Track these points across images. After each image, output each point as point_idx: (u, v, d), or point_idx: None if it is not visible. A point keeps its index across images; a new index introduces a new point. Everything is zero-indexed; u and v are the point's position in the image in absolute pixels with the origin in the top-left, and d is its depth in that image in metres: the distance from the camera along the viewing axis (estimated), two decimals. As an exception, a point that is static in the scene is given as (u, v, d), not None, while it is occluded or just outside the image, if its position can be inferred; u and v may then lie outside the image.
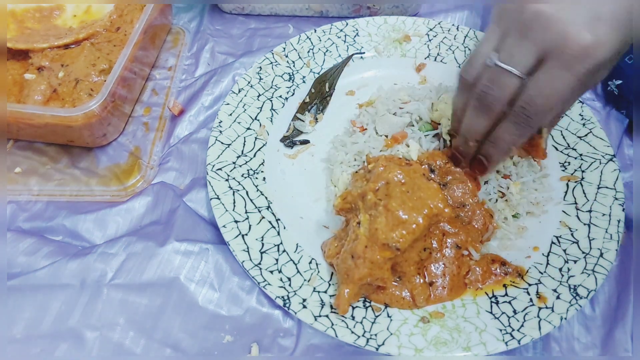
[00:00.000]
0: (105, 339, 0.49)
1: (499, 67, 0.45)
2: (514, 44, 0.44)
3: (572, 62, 0.41)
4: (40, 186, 0.62)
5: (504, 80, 0.45)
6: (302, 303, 0.50)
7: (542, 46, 0.42)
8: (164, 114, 0.71)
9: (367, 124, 0.64)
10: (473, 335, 0.48)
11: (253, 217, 0.57)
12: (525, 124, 0.46)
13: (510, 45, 0.44)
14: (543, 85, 0.43)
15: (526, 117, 0.45)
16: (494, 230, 0.55)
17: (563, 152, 0.63)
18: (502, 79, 0.45)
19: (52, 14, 0.72)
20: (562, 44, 0.40)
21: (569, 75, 0.42)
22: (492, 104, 0.46)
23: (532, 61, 0.43)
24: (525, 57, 0.43)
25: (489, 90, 0.46)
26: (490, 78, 0.46)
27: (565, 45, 0.40)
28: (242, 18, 0.85)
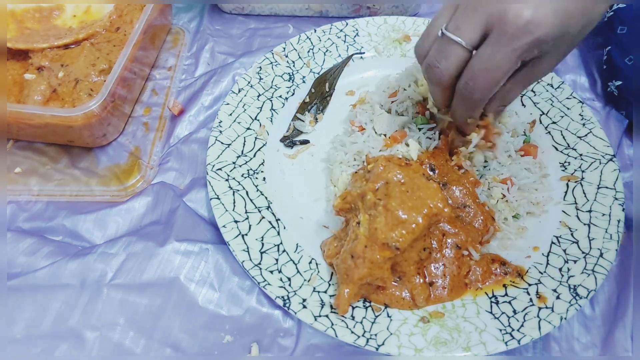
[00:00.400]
0: (105, 339, 0.49)
1: (446, 37, 0.45)
2: (462, 15, 0.44)
3: (511, 36, 0.42)
4: (40, 186, 0.62)
5: (450, 50, 0.45)
6: (302, 303, 0.50)
7: (487, 19, 0.43)
8: (164, 114, 0.71)
9: (365, 122, 0.64)
10: (473, 335, 0.48)
11: (253, 217, 0.57)
12: (468, 97, 0.47)
13: (459, 16, 0.45)
14: (485, 58, 0.44)
15: (469, 91, 0.46)
16: (494, 232, 0.55)
17: (563, 152, 0.63)
18: (448, 49, 0.46)
19: (52, 14, 0.72)
20: (504, 18, 0.41)
21: (509, 49, 0.42)
22: (441, 76, 0.47)
23: (478, 34, 0.44)
24: (472, 28, 0.44)
25: (435, 62, 0.47)
26: (438, 49, 0.47)
27: (506, 19, 0.41)
28: (242, 18, 0.85)
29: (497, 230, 0.55)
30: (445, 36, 0.45)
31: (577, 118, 0.65)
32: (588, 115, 0.64)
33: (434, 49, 0.47)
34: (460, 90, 0.47)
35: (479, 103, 0.48)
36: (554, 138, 0.64)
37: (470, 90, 0.46)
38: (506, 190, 0.57)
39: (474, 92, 0.46)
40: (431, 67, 0.48)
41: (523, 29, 0.41)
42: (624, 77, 0.68)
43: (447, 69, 0.46)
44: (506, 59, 0.43)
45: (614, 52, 0.70)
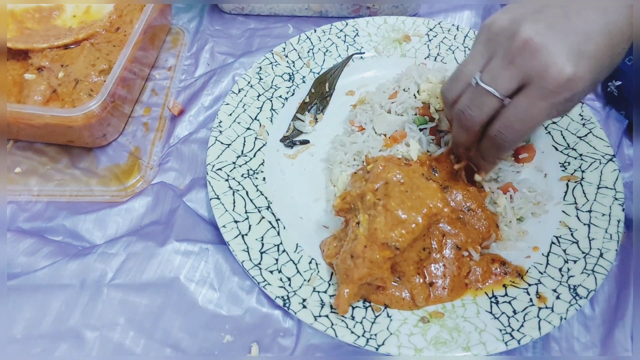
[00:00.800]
0: (105, 339, 0.49)
1: (480, 87, 0.46)
2: (498, 66, 0.45)
3: (551, 91, 0.43)
4: (40, 186, 0.62)
5: (483, 100, 0.46)
6: (302, 303, 0.50)
7: (525, 72, 0.43)
8: (164, 114, 0.71)
9: (365, 122, 0.64)
10: (473, 335, 0.48)
11: (253, 217, 0.57)
12: (501, 145, 0.48)
13: (494, 67, 0.45)
14: (522, 110, 0.45)
15: (502, 139, 0.47)
16: (496, 239, 0.55)
17: (563, 152, 0.63)
18: (482, 99, 0.46)
19: (52, 14, 0.72)
20: (545, 73, 0.42)
21: (547, 103, 0.43)
22: (472, 122, 0.48)
23: (514, 86, 0.45)
24: (508, 80, 0.45)
25: (468, 110, 0.48)
26: (471, 97, 0.47)
27: (547, 75, 0.42)
28: (242, 18, 0.85)
29: (499, 239, 0.55)
30: (480, 87, 0.46)
31: (577, 118, 0.65)
32: (588, 115, 0.64)
33: (467, 97, 0.48)
34: (493, 137, 0.48)
35: (510, 149, 0.50)
36: (554, 138, 0.64)
37: (504, 138, 0.47)
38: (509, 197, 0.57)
39: (507, 141, 0.47)
40: (463, 114, 0.48)
41: (564, 86, 0.42)
42: (623, 77, 0.68)
43: (480, 117, 0.47)
44: (543, 112, 0.44)
45: (613, 52, 0.70)
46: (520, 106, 0.45)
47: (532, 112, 0.44)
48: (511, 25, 0.44)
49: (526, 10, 0.44)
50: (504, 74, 0.45)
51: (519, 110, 0.45)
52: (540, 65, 0.42)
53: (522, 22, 0.43)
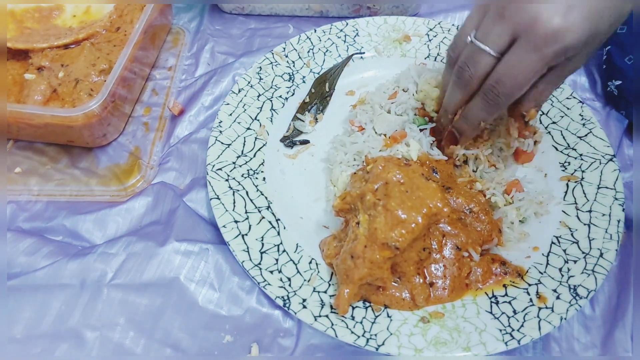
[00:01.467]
0: (105, 339, 0.49)
1: (474, 45, 0.47)
2: (490, 23, 0.45)
3: (540, 43, 0.42)
4: (40, 186, 0.62)
5: (478, 57, 0.47)
6: (302, 303, 0.50)
7: (515, 27, 0.43)
8: (164, 114, 0.71)
9: (365, 123, 0.64)
10: (473, 335, 0.48)
11: (253, 217, 0.57)
12: (493, 101, 0.48)
13: (487, 24, 0.46)
14: (512, 65, 0.45)
15: (494, 95, 0.47)
16: (497, 244, 0.55)
17: (563, 152, 0.63)
18: (477, 56, 0.47)
19: (52, 14, 0.72)
20: (533, 25, 0.42)
21: (536, 56, 0.43)
22: (468, 79, 0.49)
23: (506, 41, 0.45)
24: (499, 36, 0.45)
25: (465, 66, 0.48)
26: (467, 55, 0.48)
27: (535, 27, 0.42)
28: (242, 18, 0.85)
29: (500, 245, 0.55)
30: (474, 44, 0.47)
31: (577, 118, 0.65)
32: (588, 115, 0.64)
33: (463, 55, 0.49)
34: (485, 91, 0.48)
35: (500, 106, 0.49)
36: (554, 138, 0.64)
37: (496, 92, 0.47)
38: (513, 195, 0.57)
39: (498, 95, 0.47)
40: (462, 70, 0.49)
41: (552, 37, 0.42)
42: (623, 77, 0.68)
43: (477, 74, 0.48)
44: (533, 66, 0.44)
45: (613, 52, 0.70)
46: (511, 60, 0.45)
47: (521, 65, 0.44)
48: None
49: None
50: (495, 29, 0.45)
51: (509, 64, 0.45)
52: (529, 17, 0.42)
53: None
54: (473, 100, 0.51)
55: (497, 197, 0.57)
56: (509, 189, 0.58)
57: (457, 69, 0.49)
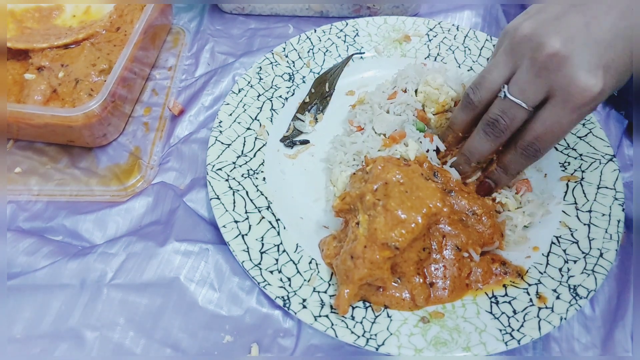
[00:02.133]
0: (105, 339, 0.49)
1: (509, 100, 0.48)
2: (525, 79, 0.47)
3: (580, 104, 0.45)
4: (40, 186, 0.62)
5: (514, 112, 0.49)
6: (302, 303, 0.50)
7: (552, 85, 0.45)
8: (164, 114, 0.71)
9: (364, 123, 0.64)
10: (473, 336, 0.48)
11: (253, 217, 0.57)
12: (533, 156, 0.51)
13: (522, 79, 0.47)
14: (551, 122, 0.47)
15: (535, 150, 0.50)
16: (498, 247, 0.55)
17: (563, 152, 0.63)
18: (512, 111, 0.49)
19: (52, 14, 0.72)
20: (572, 87, 0.44)
21: (575, 115, 0.46)
22: (501, 131, 0.51)
23: (541, 97, 0.47)
24: (535, 93, 0.47)
25: (499, 119, 0.50)
26: (502, 108, 0.49)
27: (575, 89, 0.44)
28: (242, 18, 0.85)
29: (501, 249, 0.55)
30: (509, 99, 0.48)
31: (577, 118, 0.64)
32: (588, 115, 0.64)
33: (497, 107, 0.50)
34: (524, 149, 0.50)
35: (537, 159, 0.51)
36: (554, 138, 0.64)
37: (536, 148, 0.50)
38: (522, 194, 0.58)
39: (539, 151, 0.50)
40: (494, 124, 0.50)
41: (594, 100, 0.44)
42: (624, 78, 0.68)
43: (512, 128, 0.50)
44: (573, 123, 0.47)
45: (614, 52, 0.70)
46: (551, 119, 0.47)
47: (562, 123, 0.47)
48: (535, 35, 0.45)
49: (547, 17, 0.46)
50: (531, 86, 0.47)
51: (549, 122, 0.47)
52: (568, 79, 0.44)
53: (545, 33, 0.45)
54: (510, 155, 0.52)
55: (508, 199, 0.57)
56: (519, 188, 0.58)
57: (490, 120, 0.51)
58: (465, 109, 0.54)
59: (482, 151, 0.53)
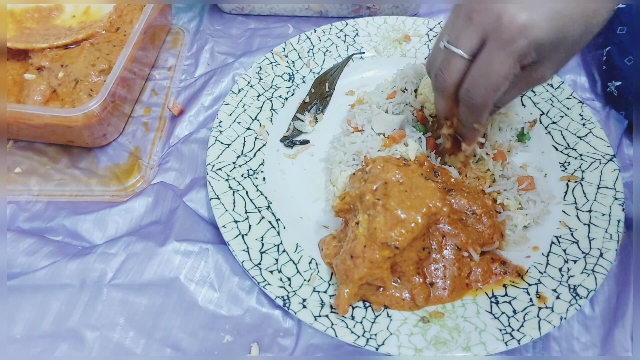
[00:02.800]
0: (105, 339, 0.49)
1: (447, 49, 0.47)
2: (460, 26, 0.45)
3: (508, 39, 0.42)
4: (40, 186, 0.62)
5: (452, 61, 0.47)
6: (302, 303, 0.50)
7: (483, 27, 0.43)
8: (164, 114, 0.71)
9: (362, 125, 0.64)
10: (473, 335, 0.48)
11: (253, 217, 0.57)
12: (473, 106, 0.48)
13: (456, 27, 0.46)
14: (483, 66, 0.44)
15: (470, 99, 0.47)
16: (498, 247, 0.55)
17: (563, 152, 0.63)
18: (451, 61, 0.47)
19: (51, 15, 0.72)
20: (499, 22, 0.42)
21: (505, 53, 0.43)
22: (444, 85, 0.48)
23: (476, 43, 0.45)
24: (470, 39, 0.45)
25: (439, 72, 0.48)
26: (441, 60, 0.48)
27: (501, 24, 0.42)
28: (242, 18, 0.85)
29: (501, 249, 0.55)
30: (447, 48, 0.47)
31: (577, 118, 0.65)
32: (588, 115, 0.64)
33: (438, 60, 0.48)
34: (463, 97, 0.48)
35: (482, 109, 0.48)
36: (554, 138, 0.64)
37: (472, 96, 0.47)
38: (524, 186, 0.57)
39: (475, 98, 0.47)
40: (436, 77, 0.49)
41: (518, 32, 0.41)
42: (623, 78, 0.68)
43: (451, 78, 0.48)
44: (504, 64, 0.43)
45: (613, 53, 0.70)
46: (482, 61, 0.44)
47: (493, 65, 0.44)
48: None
49: None
50: (464, 32, 0.45)
51: (481, 65, 0.45)
52: (494, 15, 0.42)
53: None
54: (459, 108, 0.51)
55: (509, 200, 0.57)
56: (521, 181, 0.58)
57: (434, 76, 0.49)
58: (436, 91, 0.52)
59: (440, 107, 0.52)
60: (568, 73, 0.75)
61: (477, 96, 0.46)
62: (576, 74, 0.75)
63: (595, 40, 0.76)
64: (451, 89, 0.48)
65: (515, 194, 0.58)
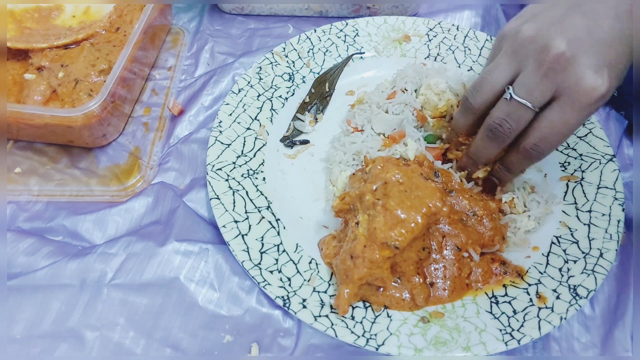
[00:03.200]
0: (105, 339, 0.49)
1: (515, 101, 0.47)
2: (532, 80, 0.46)
3: (587, 104, 0.45)
4: (40, 186, 0.62)
5: (520, 113, 0.48)
6: (302, 303, 0.50)
7: (560, 85, 0.45)
8: (164, 114, 0.71)
9: (362, 125, 0.64)
10: (473, 335, 0.48)
11: (253, 217, 0.57)
12: (537, 157, 0.50)
13: (528, 80, 0.46)
14: (557, 123, 0.46)
15: (539, 151, 0.49)
16: (499, 249, 0.55)
17: (563, 152, 0.63)
18: (519, 112, 0.48)
19: (51, 15, 0.72)
20: (580, 86, 0.44)
21: (581, 115, 0.46)
22: (506, 134, 0.49)
23: (548, 98, 0.46)
24: (543, 94, 0.46)
25: (504, 123, 0.49)
26: (507, 111, 0.48)
27: (583, 88, 0.44)
28: (242, 18, 0.85)
29: (501, 251, 0.55)
30: (515, 100, 0.47)
31: (577, 118, 0.64)
32: (588, 115, 0.64)
33: (501, 110, 0.49)
34: (528, 150, 0.49)
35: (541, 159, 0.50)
36: (553, 138, 0.64)
37: (540, 150, 0.49)
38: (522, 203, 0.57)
39: (544, 152, 0.49)
40: (501, 127, 0.49)
41: (599, 100, 0.44)
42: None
43: (517, 130, 0.49)
44: (579, 122, 0.46)
45: (613, 52, 0.70)
46: (557, 119, 0.46)
47: (568, 123, 0.46)
48: (539, 37, 0.45)
49: (549, 19, 0.46)
50: (538, 87, 0.46)
51: (555, 123, 0.46)
52: (575, 79, 0.44)
53: (549, 34, 0.45)
54: (513, 156, 0.52)
55: (517, 199, 0.57)
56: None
57: (494, 124, 0.49)
58: (465, 112, 0.53)
59: (488, 154, 0.53)
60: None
61: (546, 150, 0.49)
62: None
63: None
64: (512, 139, 0.50)
65: (523, 192, 0.58)
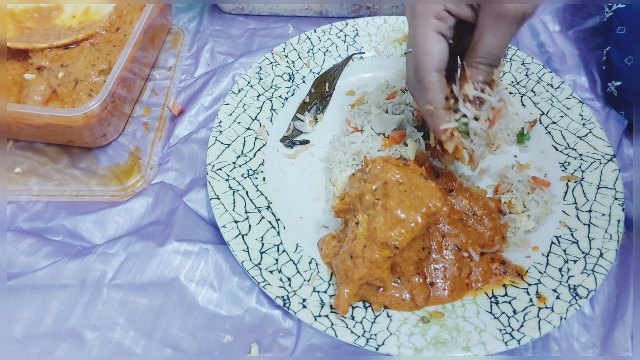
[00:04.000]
0: (105, 339, 0.49)
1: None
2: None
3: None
4: (40, 186, 0.62)
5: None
6: (302, 303, 0.50)
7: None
8: (164, 114, 0.71)
9: (362, 125, 0.64)
10: (473, 335, 0.48)
11: (253, 217, 0.57)
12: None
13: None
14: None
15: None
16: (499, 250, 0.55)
17: (563, 152, 0.63)
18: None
19: (51, 15, 0.72)
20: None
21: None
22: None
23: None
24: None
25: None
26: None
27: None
28: (242, 18, 0.85)
29: (501, 251, 0.55)
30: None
31: (577, 118, 0.65)
32: (588, 115, 0.64)
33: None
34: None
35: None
36: (554, 138, 0.64)
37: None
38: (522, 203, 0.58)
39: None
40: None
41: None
42: (623, 78, 0.68)
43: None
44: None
45: (613, 53, 0.70)
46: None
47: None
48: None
49: None
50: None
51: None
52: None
53: None
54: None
55: (517, 200, 0.57)
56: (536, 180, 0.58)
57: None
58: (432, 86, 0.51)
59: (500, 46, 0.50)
60: (568, 73, 0.75)
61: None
62: (576, 74, 0.75)
63: (595, 40, 0.76)
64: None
65: (523, 190, 0.58)
